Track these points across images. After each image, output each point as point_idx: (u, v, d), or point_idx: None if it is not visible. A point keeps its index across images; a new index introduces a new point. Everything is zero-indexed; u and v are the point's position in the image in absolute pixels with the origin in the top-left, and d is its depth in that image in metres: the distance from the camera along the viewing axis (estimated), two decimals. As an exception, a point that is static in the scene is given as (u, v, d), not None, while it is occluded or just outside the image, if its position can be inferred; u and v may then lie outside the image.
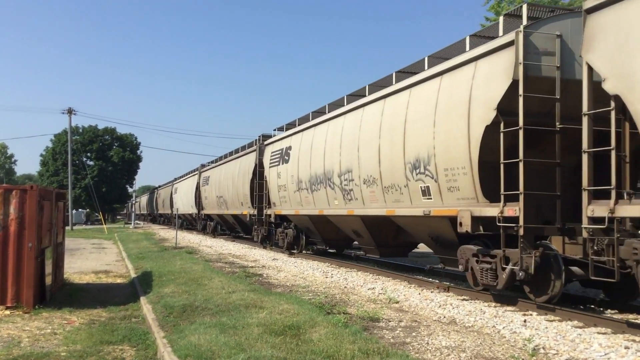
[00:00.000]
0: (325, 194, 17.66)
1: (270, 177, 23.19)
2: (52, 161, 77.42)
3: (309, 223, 20.07)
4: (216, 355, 6.81)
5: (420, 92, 12.79)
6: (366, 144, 14.84)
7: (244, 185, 27.70)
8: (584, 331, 8.55)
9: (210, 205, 37.47)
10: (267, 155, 24.28)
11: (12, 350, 7.76)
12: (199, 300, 10.85)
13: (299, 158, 19.84)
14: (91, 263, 20.74)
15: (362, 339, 7.60)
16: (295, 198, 20.27)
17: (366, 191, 14.94)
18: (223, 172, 33.54)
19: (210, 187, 37.09)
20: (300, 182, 19.57)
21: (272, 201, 23.36)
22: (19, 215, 10.53)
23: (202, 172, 41.35)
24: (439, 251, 13.27)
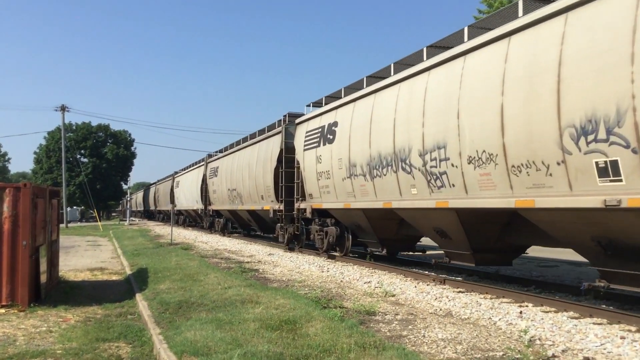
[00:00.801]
0: (394, 181, 13.38)
1: (306, 163, 19.07)
2: (46, 159, 77.12)
3: (362, 219, 15.91)
4: (212, 351, 6.79)
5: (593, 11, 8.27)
6: (474, 107, 10.49)
7: (264, 176, 23.64)
8: (580, 322, 8.58)
9: (220, 200, 32.95)
10: (299, 136, 20.15)
11: (7, 349, 7.73)
12: (195, 296, 10.84)
13: (351, 136, 15.58)
14: (86, 260, 20.69)
15: (359, 332, 7.59)
16: (345, 187, 16.22)
17: (473, 174, 10.58)
18: (236, 162, 29.15)
19: (219, 179, 32.82)
20: (354, 166, 15.39)
21: (307, 192, 19.26)
22: (13, 214, 10.48)
23: (209, 162, 36.90)
24: None
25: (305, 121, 19.85)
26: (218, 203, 33.82)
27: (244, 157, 27.70)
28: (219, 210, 34.17)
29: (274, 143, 22.89)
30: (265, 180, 23.50)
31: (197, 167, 41.90)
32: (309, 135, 19.00)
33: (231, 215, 32.01)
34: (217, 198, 33.86)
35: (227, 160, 31.42)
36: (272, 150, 22.90)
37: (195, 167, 42.65)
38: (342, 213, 17.10)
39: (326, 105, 18.26)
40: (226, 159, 31.87)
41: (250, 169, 26.10)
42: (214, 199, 34.85)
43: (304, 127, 19.70)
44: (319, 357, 6.47)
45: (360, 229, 16.77)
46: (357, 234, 17.34)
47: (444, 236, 12.62)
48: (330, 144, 16.99)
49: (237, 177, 28.49)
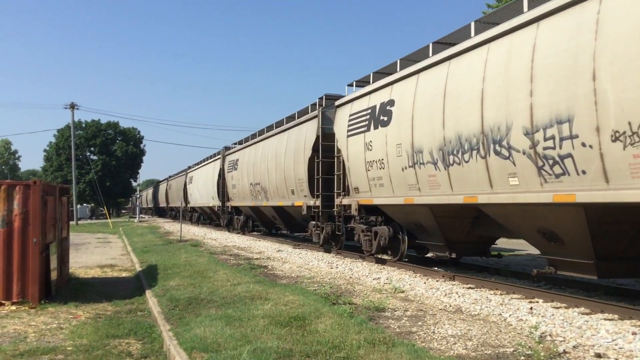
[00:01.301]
0: (481, 169, 10.67)
1: (351, 151, 16.43)
2: (56, 156, 77.56)
3: (427, 217, 13.18)
4: (222, 347, 6.80)
5: None
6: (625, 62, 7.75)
7: (296, 167, 20.82)
8: (591, 318, 8.53)
9: (240, 196, 30.04)
10: (340, 120, 17.46)
11: (18, 346, 7.77)
12: (204, 292, 10.85)
13: (415, 115, 12.81)
14: (96, 257, 20.78)
15: (368, 329, 7.58)
16: (405, 178, 13.39)
17: (621, 156, 7.85)
18: (260, 153, 26.11)
19: (239, 172, 29.97)
20: (419, 152, 12.66)
21: (352, 186, 16.64)
22: (23, 211, 10.53)
23: (227, 155, 34.07)
24: None
25: (348, 102, 17.07)
26: (238, 199, 30.89)
27: (270, 147, 24.66)
28: (239, 207, 31.26)
29: (309, 129, 20.00)
30: (297, 173, 20.74)
31: (212, 160, 38.98)
32: (353, 119, 16.25)
33: (253, 212, 29.15)
34: (236, 194, 31.08)
35: (249, 152, 28.49)
36: (306, 138, 20.03)
37: (211, 160, 39.64)
38: (399, 210, 14.37)
39: (376, 82, 15.39)
40: (248, 151, 28.92)
41: (277, 160, 23.25)
42: (233, 195, 32.05)
43: (347, 110, 16.98)
44: (329, 354, 6.46)
45: (420, 229, 14.00)
46: (416, 234, 14.55)
47: (554, 239, 9.89)
48: (385, 126, 14.14)
49: (262, 170, 25.60)
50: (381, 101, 14.56)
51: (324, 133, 18.63)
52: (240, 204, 30.56)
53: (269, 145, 25.04)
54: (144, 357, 7.41)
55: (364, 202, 15.98)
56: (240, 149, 30.87)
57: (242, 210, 31.35)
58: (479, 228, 12.84)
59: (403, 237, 14.83)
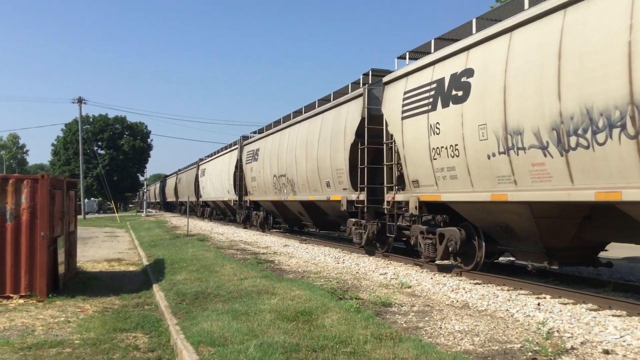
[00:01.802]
0: (632, 152, 7.88)
1: (408, 136, 13.49)
2: (64, 150, 77.87)
3: (521, 218, 10.53)
4: (229, 341, 6.80)
5: None
6: None
7: (334, 156, 17.91)
8: (599, 314, 8.48)
9: (262, 189, 26.95)
10: (391, 99, 14.36)
11: (26, 339, 7.81)
12: (211, 287, 10.87)
13: (508, 86, 10.02)
14: (104, 251, 20.87)
15: (375, 324, 7.57)
16: (492, 168, 10.60)
17: None
18: (286, 141, 23.16)
19: (260, 163, 26.98)
20: (516, 133, 9.85)
21: (410, 178, 13.61)
22: (31, 205, 10.57)
23: (245, 145, 31.17)
24: None
25: (401, 78, 14.03)
26: (258, 193, 27.85)
27: (299, 134, 21.67)
28: (259, 201, 28.24)
29: (351, 111, 17.03)
30: (335, 162, 17.82)
31: (228, 151, 35.72)
32: (410, 97, 13.29)
33: (275, 207, 26.13)
34: (256, 187, 28.03)
35: (272, 140, 25.47)
36: (348, 121, 17.06)
37: (227, 151, 36.40)
38: (478, 208, 11.50)
39: (442, 50, 12.48)
40: (270, 139, 25.91)
41: (309, 148, 20.30)
42: (252, 188, 28.98)
43: (399, 87, 13.99)
44: (335, 349, 6.45)
45: (506, 232, 11.24)
46: (497, 238, 11.79)
47: None
48: (459, 103, 11.35)
49: (288, 160, 22.57)
50: (452, 72, 11.66)
51: (370, 115, 15.91)
52: (260, 198, 27.59)
53: (298, 131, 21.99)
54: (151, 350, 7.43)
55: (428, 198, 12.95)
56: (261, 138, 27.82)
57: (262, 205, 28.56)
58: (589, 231, 10.28)
59: (480, 243, 11.93)
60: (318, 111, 20.25)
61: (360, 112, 16.27)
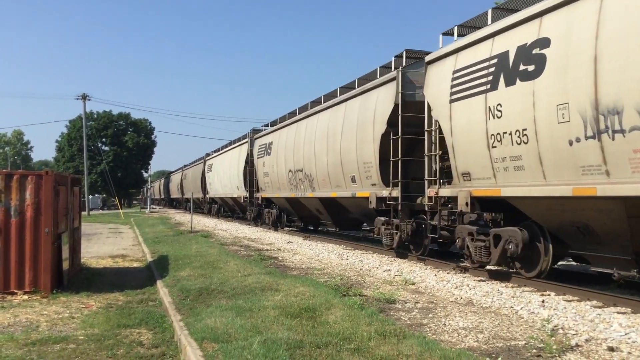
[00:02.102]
0: None
1: (457, 121, 12.00)
2: (68, 147, 78.11)
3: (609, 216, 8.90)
4: (232, 337, 6.80)
5: None
6: None
7: (361, 147, 16.20)
8: (604, 311, 8.46)
9: (275, 185, 25.33)
10: (436, 80, 12.88)
11: (30, 335, 7.82)
12: (215, 283, 10.87)
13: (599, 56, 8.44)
14: (108, 247, 20.90)
15: (379, 320, 7.56)
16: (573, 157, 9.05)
17: None
18: (303, 133, 21.45)
19: (273, 158, 25.34)
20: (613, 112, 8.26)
21: (459, 171, 12.14)
22: (35, 201, 10.59)
23: (257, 138, 29.54)
24: None
25: (449, 55, 12.45)
26: (271, 189, 26.09)
27: (319, 125, 19.95)
28: (272, 198, 26.37)
29: (381, 98, 15.32)
30: (362, 154, 16.14)
31: (238, 145, 34.04)
32: (461, 76, 11.75)
33: (289, 204, 24.42)
34: (269, 183, 26.25)
35: (288, 133, 23.73)
36: (377, 109, 15.39)
37: (236, 145, 34.65)
38: (551, 205, 9.80)
39: (504, 20, 10.76)
40: (285, 132, 24.25)
41: (330, 140, 18.62)
42: (265, 184, 27.18)
43: (447, 66, 12.42)
44: (339, 345, 6.44)
45: (585, 233, 9.55)
46: (571, 241, 10.10)
47: None
48: (530, 80, 9.67)
49: (306, 154, 20.87)
50: (520, 44, 10.05)
51: (404, 101, 14.32)
52: (274, 195, 25.83)
53: (317, 122, 20.26)
54: (155, 346, 7.43)
55: (483, 193, 11.32)
56: (275, 131, 26.16)
57: (275, 202, 26.80)
58: None
59: (546, 245, 10.43)
60: (341, 99, 18.50)
61: (392, 98, 14.54)
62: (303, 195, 21.71)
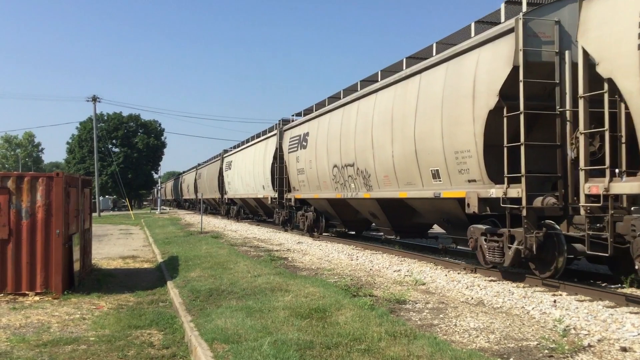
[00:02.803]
0: None
1: None
2: (78, 149, 78.42)
3: None
4: (243, 338, 6.80)
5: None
6: None
7: (453, 131, 12.16)
8: (616, 311, 8.38)
9: (312, 185, 21.70)
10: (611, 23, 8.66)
11: (41, 336, 7.86)
12: (225, 284, 10.88)
13: None
14: (119, 249, 20.98)
15: (389, 321, 7.53)
16: None
17: None
18: (354, 119, 17.59)
19: (310, 151, 21.47)
20: None
21: None
22: (46, 203, 10.64)
23: (287, 130, 25.40)
24: None
25: None
26: (308, 189, 22.36)
27: (378, 108, 15.96)
28: (310, 199, 22.75)
29: (486, 60, 11.29)
30: (455, 140, 12.11)
31: (264, 139, 30.36)
32: None
33: (332, 207, 20.74)
34: (305, 181, 22.41)
35: (330, 120, 19.79)
36: (479, 76, 11.37)
37: (261, 139, 30.96)
38: None
39: None
40: (327, 119, 20.19)
41: (397, 124, 14.57)
42: (299, 183, 23.35)
43: None
44: (349, 346, 6.43)
45: None
46: None
47: None
48: None
49: (359, 145, 17.03)
50: None
51: (527, 62, 10.25)
52: (311, 195, 22.08)
53: (376, 104, 16.21)
54: (165, 347, 7.44)
55: None
56: (312, 119, 22.12)
57: (312, 204, 23.20)
58: None
59: None
60: (413, 71, 14.32)
61: (509, 59, 10.54)
62: (354, 196, 18.03)
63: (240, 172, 34.69)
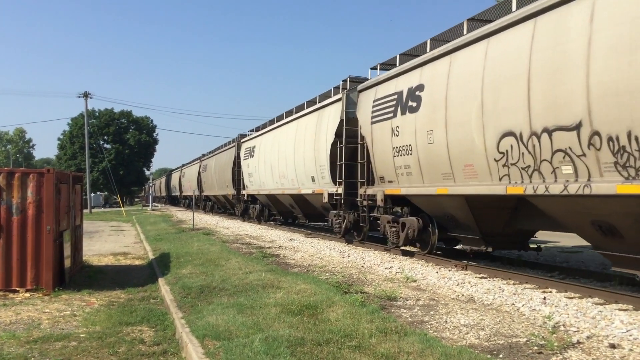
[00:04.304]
0: None
1: None
2: (70, 145, 78.00)
3: None
4: (234, 335, 6.81)
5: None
6: None
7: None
8: (605, 308, 8.45)
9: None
10: None
11: (32, 332, 7.84)
12: (217, 281, 10.88)
13: None
14: (110, 245, 20.92)
15: (380, 318, 7.56)
16: None
17: None
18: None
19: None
20: None
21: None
22: (37, 199, 10.60)
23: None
24: None
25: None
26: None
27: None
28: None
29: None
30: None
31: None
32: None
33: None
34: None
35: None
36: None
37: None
38: None
39: None
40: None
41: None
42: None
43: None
44: (340, 342, 6.45)
45: None
46: None
47: None
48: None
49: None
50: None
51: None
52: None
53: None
54: (156, 344, 7.44)
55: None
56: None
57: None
58: None
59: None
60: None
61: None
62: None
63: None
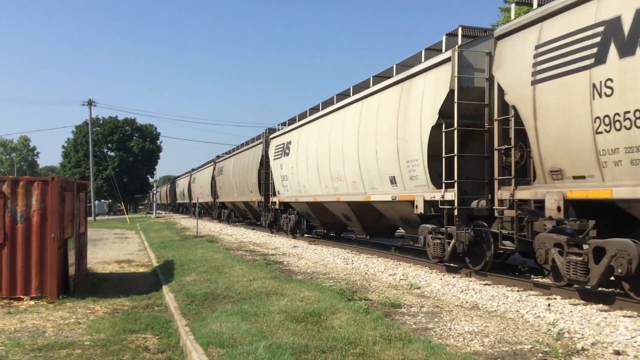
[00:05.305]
0: None
1: None
2: (74, 153, 78.31)
3: None
4: (238, 342, 6.81)
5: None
6: None
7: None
8: (610, 314, 8.42)
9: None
10: None
11: (36, 340, 7.85)
12: (220, 288, 10.89)
13: None
14: (114, 253, 20.95)
15: (384, 325, 7.55)
16: None
17: None
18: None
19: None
20: None
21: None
22: (41, 207, 10.63)
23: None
24: None
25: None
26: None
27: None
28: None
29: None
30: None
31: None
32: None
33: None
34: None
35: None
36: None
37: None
38: None
39: None
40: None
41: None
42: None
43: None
44: (344, 350, 6.45)
45: None
46: None
47: None
48: None
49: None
50: None
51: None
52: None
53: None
54: (160, 352, 7.45)
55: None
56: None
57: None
58: None
59: None
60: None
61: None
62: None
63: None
